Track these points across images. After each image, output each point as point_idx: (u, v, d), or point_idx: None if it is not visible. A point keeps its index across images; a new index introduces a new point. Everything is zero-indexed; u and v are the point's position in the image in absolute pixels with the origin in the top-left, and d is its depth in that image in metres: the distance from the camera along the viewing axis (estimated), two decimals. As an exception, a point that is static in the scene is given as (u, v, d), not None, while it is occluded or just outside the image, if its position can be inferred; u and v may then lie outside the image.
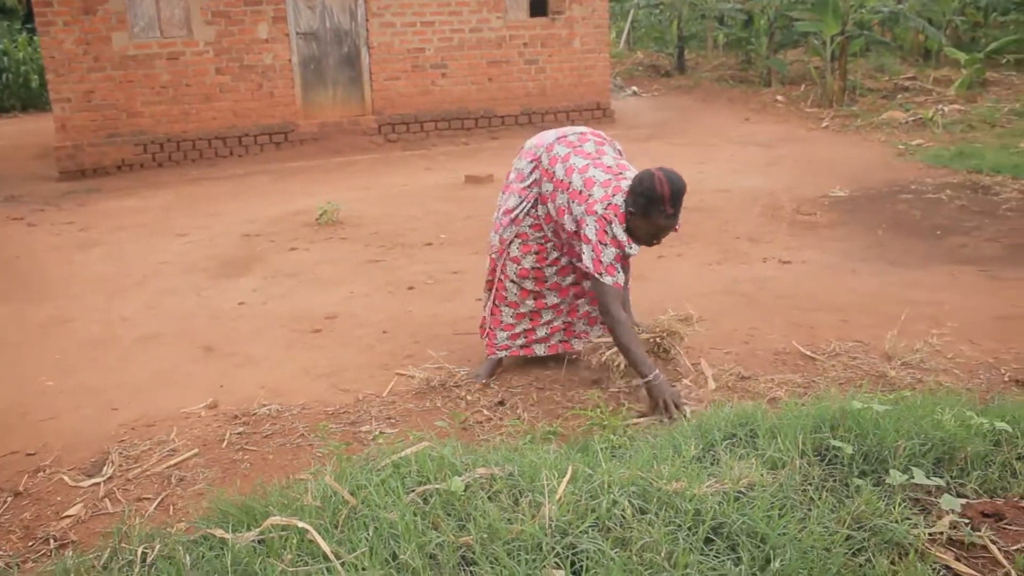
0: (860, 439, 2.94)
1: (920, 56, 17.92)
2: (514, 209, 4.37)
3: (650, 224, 3.85)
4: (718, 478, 2.73)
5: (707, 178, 9.01)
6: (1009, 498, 2.80)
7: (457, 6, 12.34)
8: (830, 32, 13.58)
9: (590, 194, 3.97)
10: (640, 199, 3.80)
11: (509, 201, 4.42)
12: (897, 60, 17.14)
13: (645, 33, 22.04)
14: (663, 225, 3.85)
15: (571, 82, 13.14)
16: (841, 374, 4.30)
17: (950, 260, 6.19)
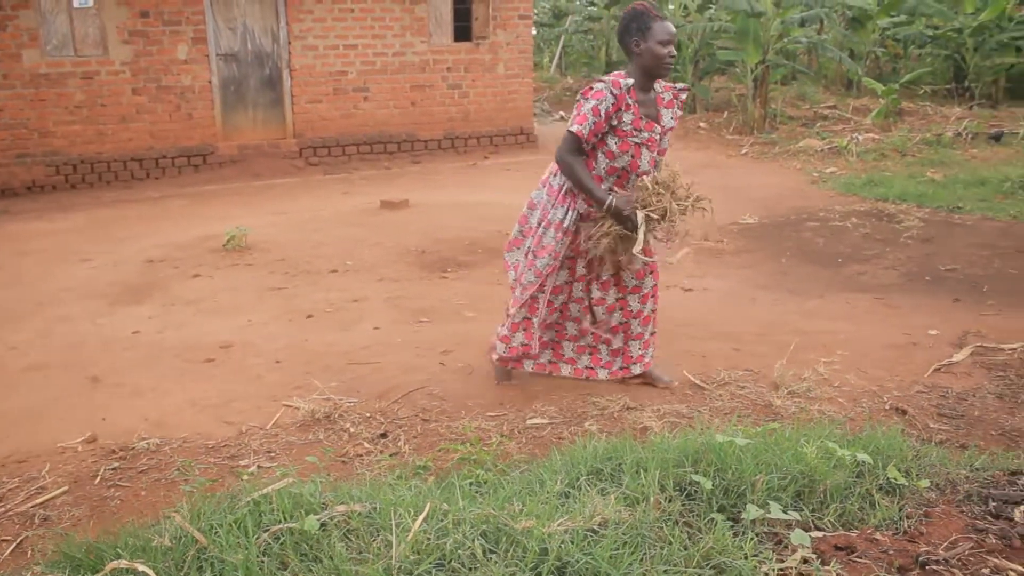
0: (721, 473, 2.94)
1: (842, 85, 18.35)
2: (563, 221, 4.34)
3: (655, 33, 4.03)
4: (571, 515, 2.70)
5: (621, 205, 9.07)
6: (863, 530, 2.81)
7: (381, 30, 12.30)
8: (751, 61, 13.83)
9: None
10: (633, 24, 4.08)
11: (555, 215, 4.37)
12: (820, 89, 17.52)
13: (576, 58, 22.24)
14: (666, 27, 4.04)
15: (494, 107, 13.17)
16: (727, 404, 4.32)
17: (848, 288, 6.29)
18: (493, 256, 7.26)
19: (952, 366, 4.88)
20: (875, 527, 2.83)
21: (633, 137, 4.12)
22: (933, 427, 4.14)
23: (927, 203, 8.94)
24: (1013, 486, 3.17)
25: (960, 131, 13.09)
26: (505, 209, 8.81)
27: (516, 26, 13.20)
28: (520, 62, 13.34)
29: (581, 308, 4.56)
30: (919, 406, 4.36)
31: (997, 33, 16.54)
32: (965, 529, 2.83)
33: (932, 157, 11.45)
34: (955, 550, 2.69)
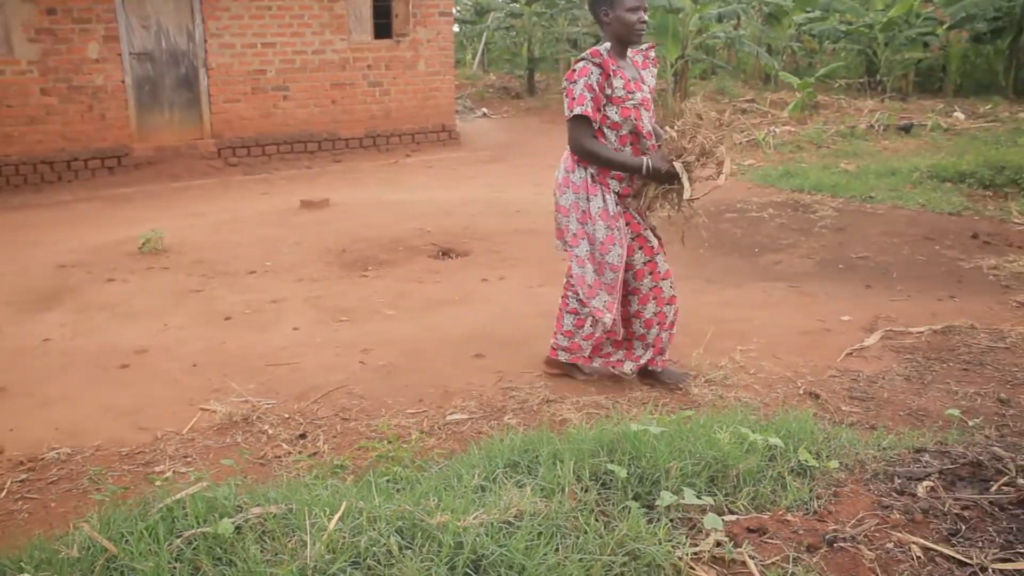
0: (636, 461, 2.97)
1: (760, 80, 18.70)
2: (606, 208, 4.32)
3: (622, 12, 4.10)
4: (486, 508, 2.70)
5: (543, 199, 9.07)
6: (775, 512, 2.86)
7: (299, 27, 12.16)
8: (671, 56, 14.01)
9: None
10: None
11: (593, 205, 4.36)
12: (738, 83, 17.82)
13: (498, 55, 22.28)
14: (632, 6, 4.10)
15: (416, 104, 13.12)
16: (645, 393, 4.37)
17: (765, 277, 6.41)
18: (414, 254, 7.24)
19: (863, 350, 5.01)
20: (786, 508, 2.89)
21: (629, 101, 4.16)
22: (845, 410, 4.25)
23: (841, 193, 9.16)
24: (917, 463, 3.26)
25: (872, 123, 13.45)
26: (427, 207, 8.80)
27: (437, 23, 13.16)
28: (441, 59, 13.30)
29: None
30: (831, 390, 4.47)
31: (906, 29, 17.04)
32: (871, 506, 2.91)
33: (846, 148, 11.74)
34: (861, 527, 2.76)
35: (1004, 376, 4.71)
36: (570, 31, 18.03)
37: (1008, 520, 2.86)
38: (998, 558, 2.63)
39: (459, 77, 19.08)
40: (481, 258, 7.08)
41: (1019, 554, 2.66)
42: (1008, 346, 5.12)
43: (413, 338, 5.32)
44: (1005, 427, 4.12)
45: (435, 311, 5.83)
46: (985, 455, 3.30)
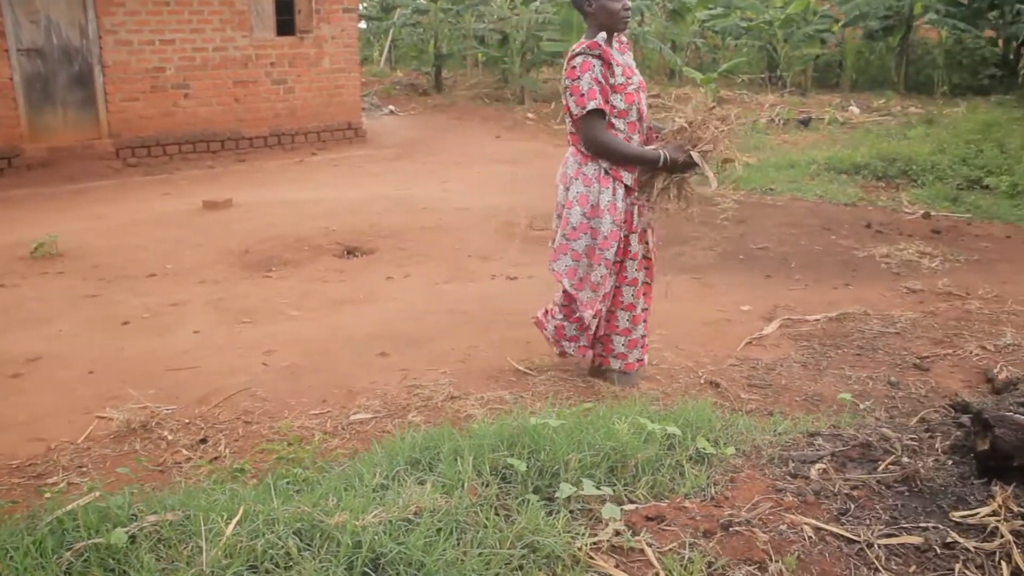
0: (535, 455, 2.99)
1: (665, 75, 19.00)
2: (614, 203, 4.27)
3: (606, 1, 4.09)
4: (386, 507, 2.69)
5: (450, 196, 9.11)
6: (673, 499, 2.92)
7: (199, 23, 11.88)
8: (575, 52, 14.10)
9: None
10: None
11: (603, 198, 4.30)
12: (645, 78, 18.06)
13: (405, 52, 22.15)
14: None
15: (321, 102, 12.95)
16: (549, 388, 4.40)
17: (668, 269, 6.51)
18: (319, 253, 7.15)
19: (762, 339, 5.14)
20: (684, 495, 2.94)
21: (630, 86, 4.16)
22: (744, 397, 4.35)
23: (742, 186, 9.37)
24: (811, 447, 3.36)
25: (773, 117, 13.79)
26: (332, 205, 8.71)
27: (341, 19, 13.02)
28: (346, 56, 13.16)
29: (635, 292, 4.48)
30: (732, 378, 4.57)
31: (803, 26, 17.51)
32: (766, 490, 2.98)
33: (747, 142, 12.00)
34: (756, 511, 2.83)
35: (894, 360, 4.89)
36: (476, 27, 18.02)
37: (894, 497, 2.97)
38: (884, 534, 2.73)
39: (366, 74, 18.92)
40: (387, 256, 7.03)
41: (903, 529, 2.77)
42: (898, 331, 5.31)
43: (317, 338, 5.27)
44: (894, 408, 4.27)
45: (340, 310, 5.77)
46: (874, 436, 3.42)
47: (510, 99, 16.30)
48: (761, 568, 2.54)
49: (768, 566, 2.54)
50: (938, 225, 7.89)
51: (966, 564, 2.60)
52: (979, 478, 3.07)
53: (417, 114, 15.97)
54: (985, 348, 5.04)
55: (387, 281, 6.34)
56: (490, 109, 15.69)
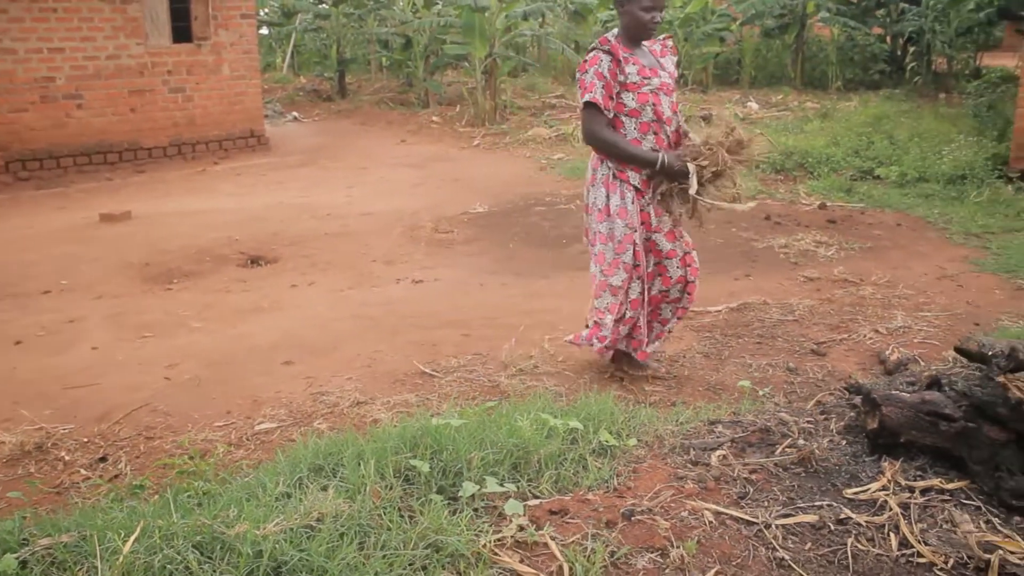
0: (438, 455, 2.99)
1: (570, 76, 19.15)
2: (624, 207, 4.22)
3: (636, 9, 4.04)
4: (287, 515, 2.66)
5: (354, 202, 9.04)
6: (576, 493, 2.95)
7: (90, 31, 11.52)
8: (479, 54, 14.16)
9: None
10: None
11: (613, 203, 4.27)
12: (548, 80, 18.22)
13: (308, 58, 21.87)
14: (647, 6, 4.04)
15: (222, 110, 12.70)
16: (456, 389, 4.40)
17: (572, 267, 6.59)
18: (221, 263, 7.02)
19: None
20: (588, 488, 2.98)
21: (646, 86, 4.09)
22: (648, 389, 4.42)
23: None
24: (711, 434, 3.44)
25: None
26: (235, 215, 8.56)
27: (239, 25, 12.79)
28: (246, 63, 12.93)
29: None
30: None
31: (703, 24, 17.88)
32: (668, 479, 3.04)
33: (650, 140, 12.17)
34: (658, 499, 2.89)
35: (793, 346, 5.03)
36: (379, 31, 17.91)
37: (791, 479, 3.06)
38: (781, 514, 2.81)
39: (269, 81, 18.66)
40: (291, 264, 6.95)
41: (799, 508, 2.85)
42: (796, 318, 5.47)
43: (221, 349, 5.17)
44: (793, 393, 4.40)
45: (243, 320, 5.68)
46: (773, 421, 3.52)
47: (415, 103, 16.25)
48: (663, 554, 2.59)
49: (670, 552, 2.59)
50: (833, 215, 8.14)
51: (858, 538, 2.69)
52: (870, 455, 3.18)
53: (321, 120, 15.80)
54: (878, 331, 5.22)
55: (291, 289, 6.26)
56: (395, 113, 15.61)
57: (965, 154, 9.43)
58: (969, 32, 17.85)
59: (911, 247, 7.15)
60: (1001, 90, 12.27)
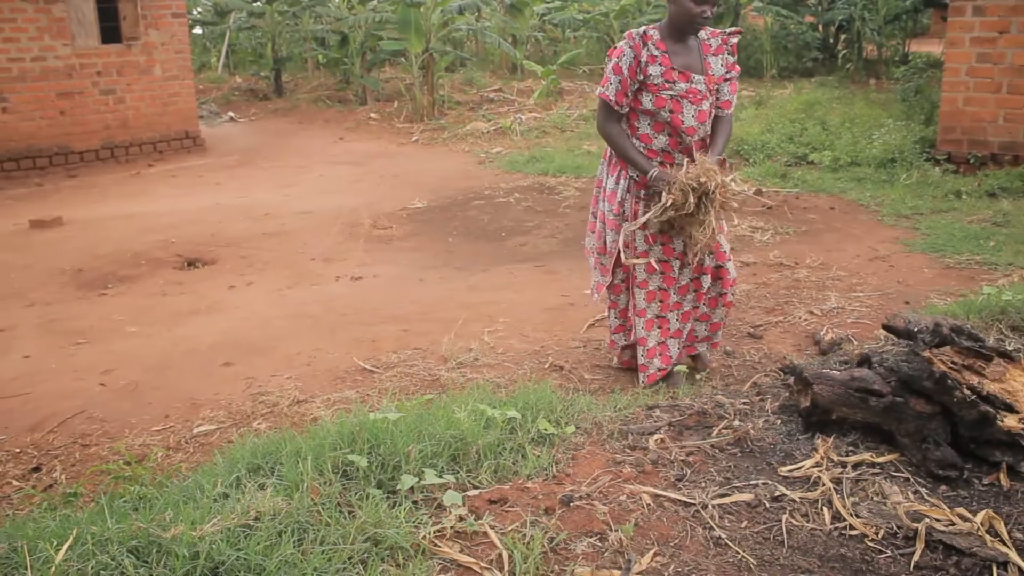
0: (376, 449, 2.98)
1: (507, 69, 19.18)
2: (615, 191, 4.15)
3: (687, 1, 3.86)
4: (224, 515, 2.63)
5: (292, 200, 8.97)
6: (515, 481, 2.97)
7: (12, 32, 11.23)
8: (416, 49, 14.10)
9: None
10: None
11: (608, 186, 4.21)
12: (486, 74, 18.20)
13: (244, 56, 21.59)
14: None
15: (155, 112, 12.49)
16: (396, 384, 4.40)
17: (511, 260, 6.61)
18: (158, 266, 6.91)
19: (605, 320, 5.26)
20: (527, 477, 2.99)
21: (667, 91, 3.93)
22: (588, 378, 4.46)
23: (584, 174, 9.57)
24: (649, 419, 3.48)
25: (612, 106, 14.09)
26: (171, 217, 8.44)
27: (170, 25, 12.58)
28: (178, 63, 12.73)
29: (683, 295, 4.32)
30: (576, 360, 4.68)
31: (638, 16, 17.99)
32: (606, 464, 3.07)
33: (588, 131, 12.26)
34: (596, 484, 2.91)
35: (730, 330, 5.10)
36: (315, 29, 17.75)
37: (727, 459, 3.11)
38: (717, 494, 2.85)
39: (204, 81, 18.39)
40: (228, 265, 6.87)
41: (735, 488, 2.90)
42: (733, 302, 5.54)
43: (158, 353, 5.10)
44: (730, 376, 4.47)
45: (181, 323, 5.60)
46: (709, 404, 3.57)
47: (352, 100, 16.13)
48: (601, 538, 2.62)
49: (608, 535, 2.61)
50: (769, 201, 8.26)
51: (792, 514, 2.74)
52: (804, 433, 3.25)
53: (258, 119, 15.62)
54: (812, 313, 5.32)
55: (230, 290, 6.19)
56: (332, 111, 15.49)
57: (894, 138, 9.62)
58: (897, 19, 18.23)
59: (844, 230, 7.29)
60: (927, 75, 12.53)
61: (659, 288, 4.24)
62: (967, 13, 8.75)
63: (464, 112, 14.25)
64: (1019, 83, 8.61)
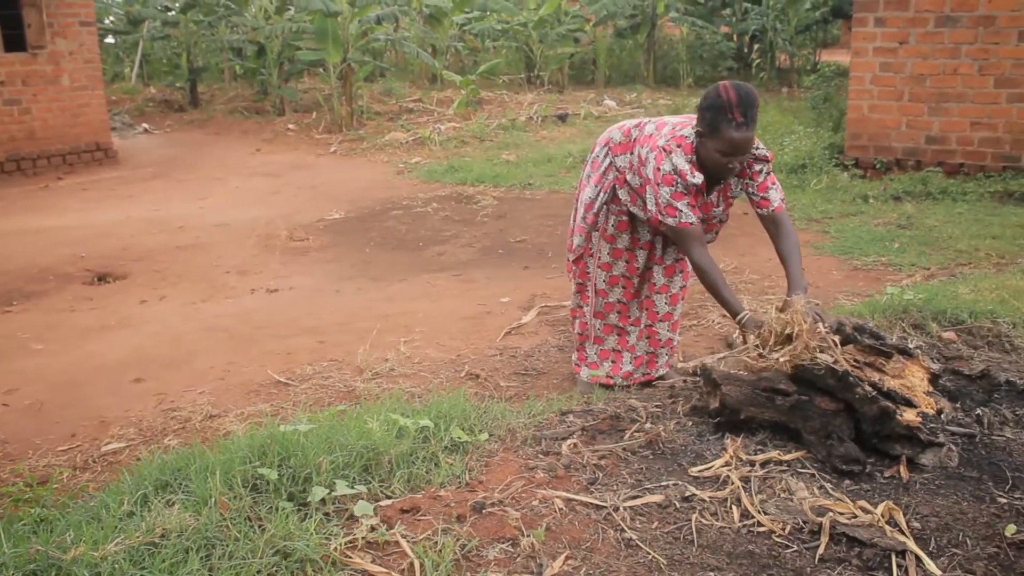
0: (287, 462, 2.95)
1: (427, 80, 19.17)
2: (593, 201, 4.01)
3: (720, 140, 3.47)
4: (127, 534, 2.57)
5: (207, 213, 8.82)
6: (428, 490, 2.96)
7: (-89, 43, 10.87)
8: (333, 60, 14.00)
9: (659, 133, 3.72)
10: (707, 113, 3.47)
11: (585, 193, 4.04)
12: (406, 84, 18.16)
13: (158, 67, 21.16)
14: (735, 138, 3.44)
15: (64, 123, 12.16)
16: (311, 396, 4.35)
17: (428, 269, 6.60)
18: (66, 282, 6.73)
19: (521, 327, 5.30)
20: (439, 485, 2.99)
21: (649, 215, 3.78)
22: (504, 385, 4.47)
23: (502, 183, 9.62)
24: (563, 424, 3.50)
25: (531, 115, 14.22)
26: (81, 231, 8.23)
27: (79, 34, 12.26)
28: (88, 72, 12.41)
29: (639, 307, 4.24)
30: (492, 368, 4.69)
31: (556, 26, 18.19)
32: (519, 470, 3.08)
33: (507, 140, 12.33)
34: (509, 490, 2.92)
35: (644, 335, 5.16)
36: (231, 39, 17.49)
37: (639, 462, 3.14)
38: (629, 496, 2.89)
39: (117, 92, 17.98)
40: (140, 279, 6.71)
41: (646, 489, 2.94)
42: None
43: (65, 370, 4.96)
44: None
45: (90, 339, 5.46)
46: (622, 407, 3.61)
47: (270, 111, 15.93)
48: (513, 544, 2.63)
49: (520, 541, 2.62)
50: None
51: (702, 513, 2.79)
52: (714, 434, 3.31)
53: (173, 131, 15.33)
54: (725, 316, 5.41)
55: (141, 305, 6.06)
56: (250, 122, 15.28)
57: (805, 144, 9.87)
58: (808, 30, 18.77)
59: (757, 234, 7.40)
60: (835, 83, 12.89)
61: (619, 301, 4.26)
62: (869, 24, 9.04)
63: (383, 122, 14.20)
64: (919, 91, 8.93)
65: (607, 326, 4.28)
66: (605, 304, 4.24)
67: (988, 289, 5.00)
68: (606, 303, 4.24)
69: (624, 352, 4.31)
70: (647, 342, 4.29)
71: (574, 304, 4.40)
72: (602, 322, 4.28)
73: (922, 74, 8.87)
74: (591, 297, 4.26)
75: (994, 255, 6.39)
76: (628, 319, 4.29)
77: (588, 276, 4.24)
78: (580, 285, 4.31)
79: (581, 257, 4.20)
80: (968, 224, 7.31)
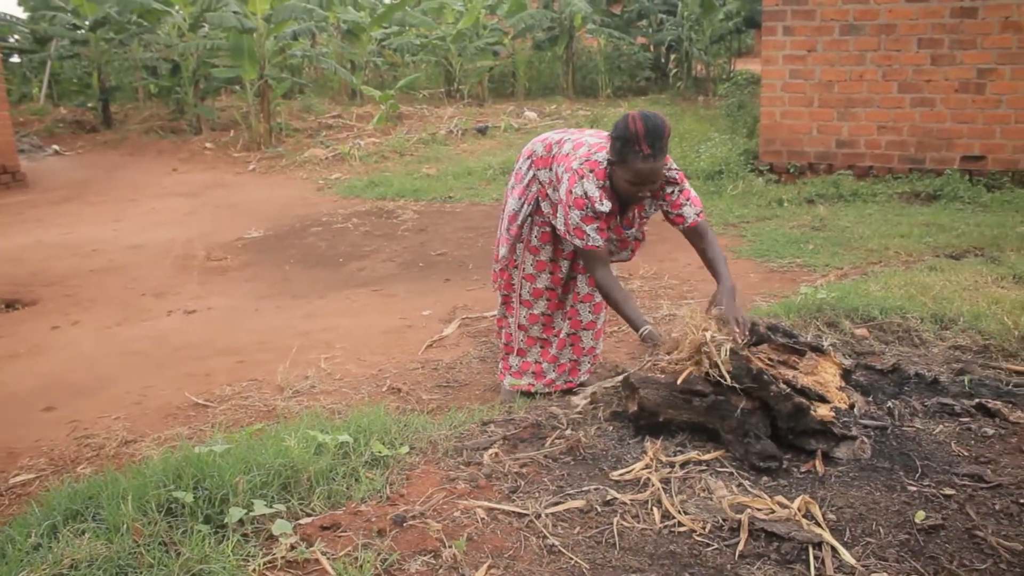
0: (202, 483, 2.89)
1: (347, 95, 19.05)
2: (517, 213, 3.98)
3: (628, 170, 3.51)
4: (33, 567, 2.50)
5: (121, 235, 8.62)
6: (348, 506, 2.93)
7: None
8: (249, 77, 13.84)
9: (575, 155, 3.73)
10: (616, 143, 3.51)
11: (509, 205, 4.02)
12: (325, 100, 18.02)
13: (68, 87, 20.63)
14: (642, 169, 3.48)
15: (-33, 147, 11.80)
16: (231, 417, 4.28)
17: (349, 285, 6.56)
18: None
19: (443, 340, 5.28)
20: (360, 500, 2.96)
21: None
22: (426, 398, 4.45)
23: (423, 197, 9.61)
24: (484, 434, 3.50)
25: (452, 128, 14.24)
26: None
27: (-19, 56, 11.93)
28: (-9, 94, 12.06)
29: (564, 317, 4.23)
30: (414, 381, 4.66)
31: (475, 40, 18.26)
32: (440, 481, 3.07)
33: (428, 154, 12.32)
34: (430, 502, 2.91)
35: (567, 342, 5.19)
36: (145, 57, 17.16)
37: (560, 468, 3.16)
38: (551, 503, 2.90)
39: (25, 113, 17.50)
40: (51, 304, 6.52)
41: (568, 495, 2.95)
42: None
43: (-30, 402, 4.80)
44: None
45: (-2, 369, 5.29)
46: (544, 415, 3.62)
47: (187, 130, 15.65)
48: (435, 555, 2.61)
49: (442, 552, 2.61)
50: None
51: (623, 516, 2.81)
52: (634, 437, 3.34)
53: (85, 152, 14.95)
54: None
55: (53, 331, 5.88)
56: (166, 142, 14.99)
57: (721, 151, 10.06)
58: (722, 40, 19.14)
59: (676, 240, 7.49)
60: (749, 91, 13.17)
61: (543, 313, 4.26)
62: (778, 33, 9.27)
63: (302, 139, 14.07)
64: (828, 97, 9.18)
65: (530, 338, 4.30)
66: (530, 316, 4.25)
67: (897, 286, 5.15)
68: (531, 314, 4.25)
69: (545, 363, 4.33)
70: (570, 350, 4.32)
71: (500, 314, 4.41)
72: (526, 334, 4.29)
73: (830, 80, 9.13)
74: (516, 308, 4.28)
75: (903, 253, 6.59)
76: (552, 330, 4.31)
77: (513, 288, 4.26)
78: (505, 296, 4.32)
79: (506, 268, 4.22)
80: (878, 224, 7.53)
